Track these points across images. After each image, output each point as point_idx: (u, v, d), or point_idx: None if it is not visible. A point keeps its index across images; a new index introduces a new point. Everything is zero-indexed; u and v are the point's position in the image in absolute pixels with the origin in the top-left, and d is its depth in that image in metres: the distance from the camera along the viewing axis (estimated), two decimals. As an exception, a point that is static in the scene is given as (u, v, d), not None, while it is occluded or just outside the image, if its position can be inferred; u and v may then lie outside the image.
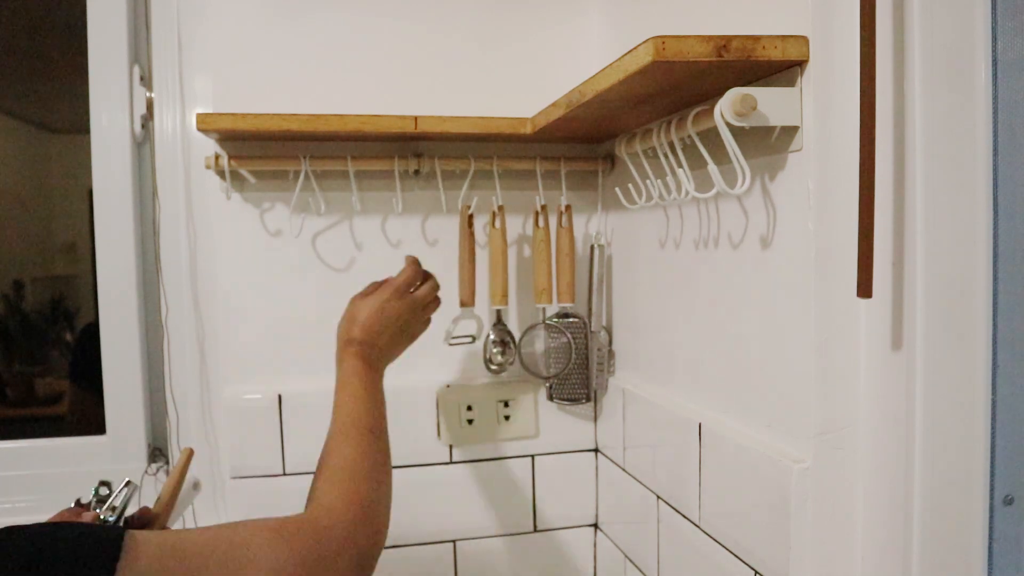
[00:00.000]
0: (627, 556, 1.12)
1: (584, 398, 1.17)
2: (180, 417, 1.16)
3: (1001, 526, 0.64)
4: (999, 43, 0.61)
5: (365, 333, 0.85)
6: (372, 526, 0.67)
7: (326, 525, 0.62)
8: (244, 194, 1.12)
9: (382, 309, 0.88)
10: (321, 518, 0.63)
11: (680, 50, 0.65)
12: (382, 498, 0.70)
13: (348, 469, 0.69)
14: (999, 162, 0.62)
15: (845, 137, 0.65)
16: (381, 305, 0.88)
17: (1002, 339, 0.63)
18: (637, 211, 1.06)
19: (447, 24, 1.16)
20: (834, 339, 0.68)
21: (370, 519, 0.67)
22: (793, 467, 0.69)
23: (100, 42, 1.14)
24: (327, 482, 0.68)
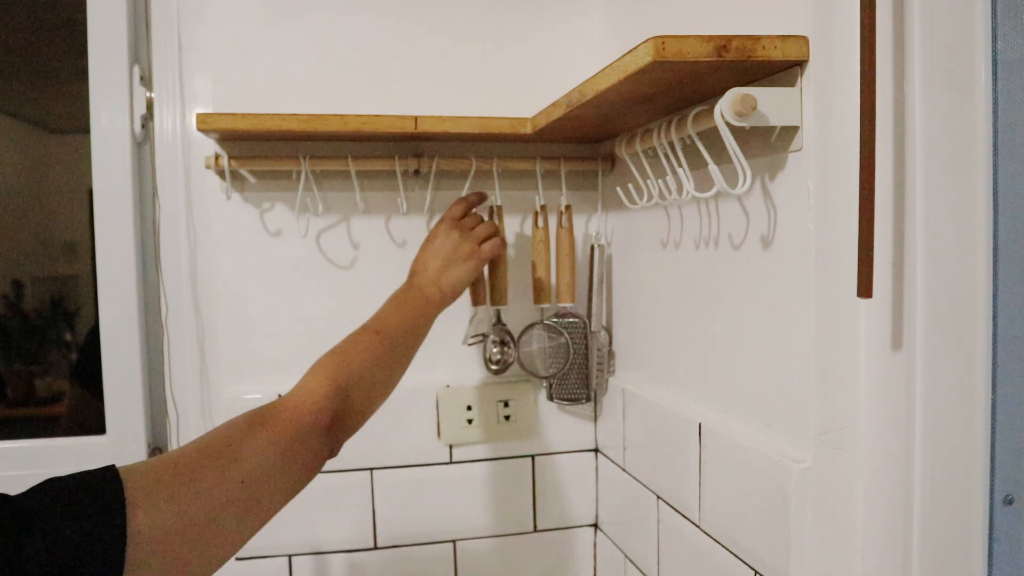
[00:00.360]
0: (627, 556, 1.12)
1: (584, 398, 1.17)
2: (180, 417, 1.16)
3: (1001, 526, 0.64)
4: (999, 43, 0.61)
5: (417, 262, 0.98)
6: (342, 405, 0.73)
7: (296, 403, 0.70)
8: (244, 194, 1.12)
9: (432, 238, 1.00)
10: (294, 397, 0.71)
11: (680, 50, 0.65)
12: (363, 385, 0.78)
13: (335, 357, 0.78)
14: (999, 162, 0.62)
15: (845, 137, 0.65)
16: (432, 235, 1.00)
17: (1002, 339, 0.63)
18: (637, 211, 1.06)
19: (447, 24, 1.16)
20: (834, 339, 0.68)
21: (342, 399, 0.74)
22: (793, 467, 0.69)
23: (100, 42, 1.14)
24: (312, 369, 0.76)
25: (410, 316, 0.89)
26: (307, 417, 0.69)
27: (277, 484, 0.64)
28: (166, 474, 0.56)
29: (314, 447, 0.69)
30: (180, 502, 0.55)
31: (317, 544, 1.14)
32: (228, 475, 0.59)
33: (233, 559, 1.17)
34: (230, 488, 0.59)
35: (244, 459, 0.61)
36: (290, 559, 1.14)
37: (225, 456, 0.61)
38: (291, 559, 1.14)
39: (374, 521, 1.16)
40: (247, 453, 0.62)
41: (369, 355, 0.80)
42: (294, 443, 0.67)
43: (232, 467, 0.60)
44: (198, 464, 0.59)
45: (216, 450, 0.61)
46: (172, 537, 0.53)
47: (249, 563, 1.12)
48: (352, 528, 1.15)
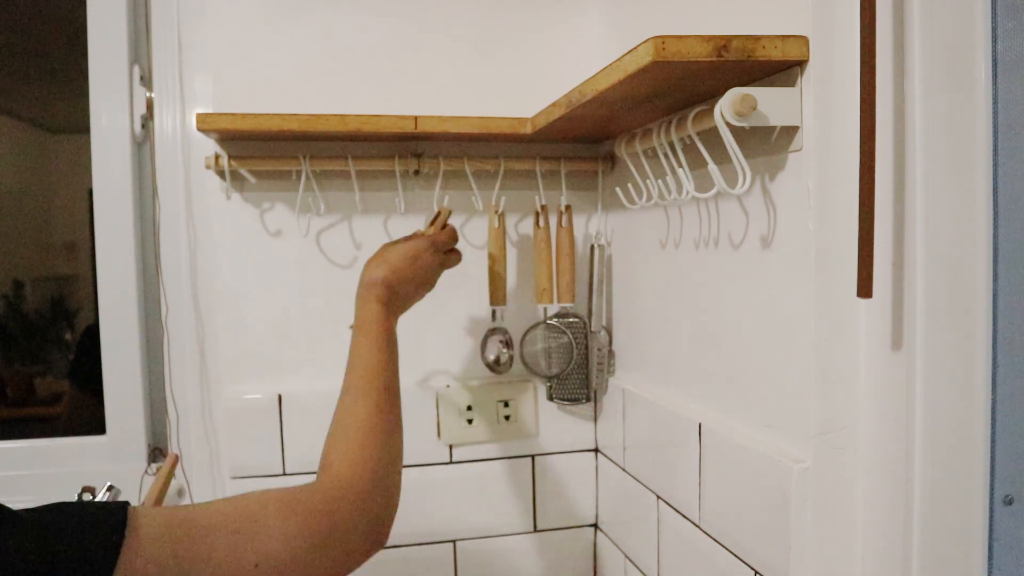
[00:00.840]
0: (627, 556, 1.12)
1: (584, 398, 1.17)
2: (180, 417, 1.16)
3: (1001, 526, 0.64)
4: (999, 43, 0.61)
5: (394, 276, 0.84)
6: (385, 492, 0.65)
7: (336, 496, 0.62)
8: (244, 194, 1.12)
9: (417, 257, 0.88)
10: (331, 489, 0.62)
11: (680, 50, 0.65)
12: (395, 461, 0.69)
13: (361, 431, 0.68)
14: (999, 162, 0.62)
15: (845, 137, 0.65)
16: (417, 253, 0.88)
17: (1002, 339, 0.63)
18: (637, 211, 1.06)
19: (447, 24, 1.16)
20: (834, 339, 0.68)
21: (383, 485, 0.65)
22: (793, 467, 0.69)
23: (100, 42, 1.14)
24: (338, 447, 0.67)
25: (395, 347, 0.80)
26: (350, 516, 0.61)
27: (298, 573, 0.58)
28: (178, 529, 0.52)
29: (356, 545, 0.62)
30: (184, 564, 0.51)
31: (317, 544, 1.14)
32: (241, 555, 0.54)
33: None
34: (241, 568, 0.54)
35: (263, 545, 0.55)
36: (290, 559, 1.13)
37: (244, 533, 0.55)
38: (291, 559, 1.13)
39: (374, 521, 1.16)
40: (268, 540, 0.56)
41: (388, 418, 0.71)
42: (331, 541, 0.59)
43: (248, 548, 0.55)
44: (213, 531, 0.54)
45: (239, 522, 0.56)
46: None
47: (249, 563, 1.12)
48: (352, 528, 1.15)
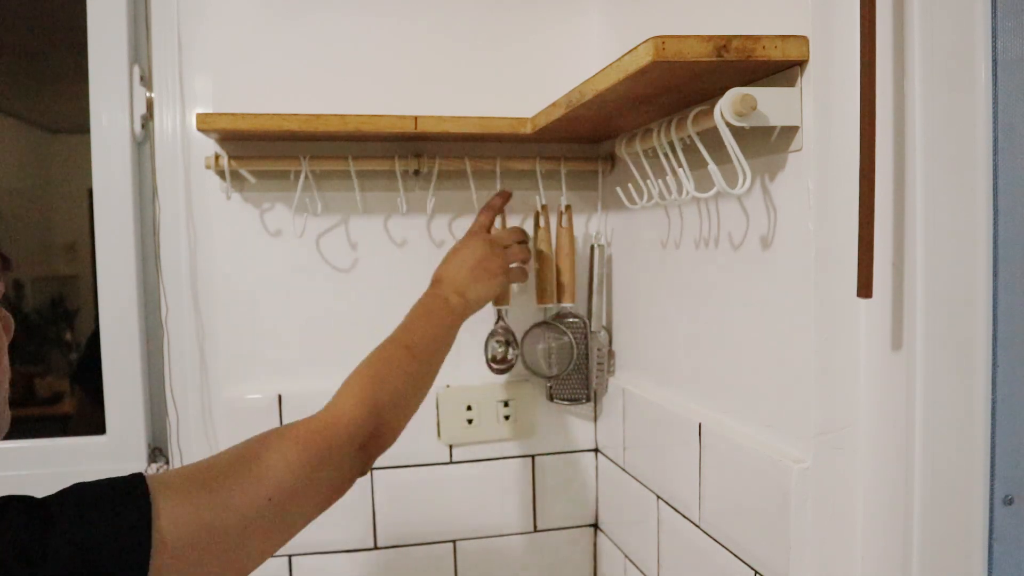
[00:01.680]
0: (627, 556, 1.12)
1: (584, 398, 1.17)
2: (180, 417, 1.16)
3: (1001, 526, 0.64)
4: (999, 43, 0.61)
5: (447, 273, 0.95)
6: (376, 426, 0.73)
7: (330, 423, 0.70)
8: (244, 194, 1.12)
9: (469, 248, 0.98)
10: (327, 416, 0.71)
11: (680, 50, 0.65)
12: (396, 405, 0.77)
13: (368, 375, 0.77)
14: (999, 162, 0.62)
15: (845, 137, 0.65)
16: (469, 245, 0.98)
17: (1002, 339, 0.63)
18: (637, 211, 1.06)
19: (447, 24, 1.16)
20: (834, 339, 0.68)
21: (375, 419, 0.73)
22: (793, 467, 0.69)
23: (100, 42, 1.14)
24: (345, 386, 0.76)
25: (437, 328, 0.88)
26: (340, 437, 0.69)
27: (305, 502, 0.64)
28: (194, 486, 0.56)
29: (345, 467, 0.70)
30: (206, 515, 0.55)
31: (317, 544, 1.14)
32: (256, 491, 0.59)
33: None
34: (257, 504, 0.59)
35: (273, 476, 0.61)
36: (290, 559, 1.14)
37: (255, 471, 0.60)
38: (291, 559, 1.14)
39: (374, 521, 1.16)
40: (276, 470, 0.62)
41: (401, 372, 0.79)
42: (325, 462, 0.66)
43: (260, 483, 0.60)
44: (226, 478, 0.58)
45: (246, 464, 0.61)
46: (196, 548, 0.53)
47: (249, 563, 1.12)
48: (352, 528, 1.15)
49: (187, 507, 0.54)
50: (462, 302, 0.93)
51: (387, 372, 0.78)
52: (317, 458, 0.66)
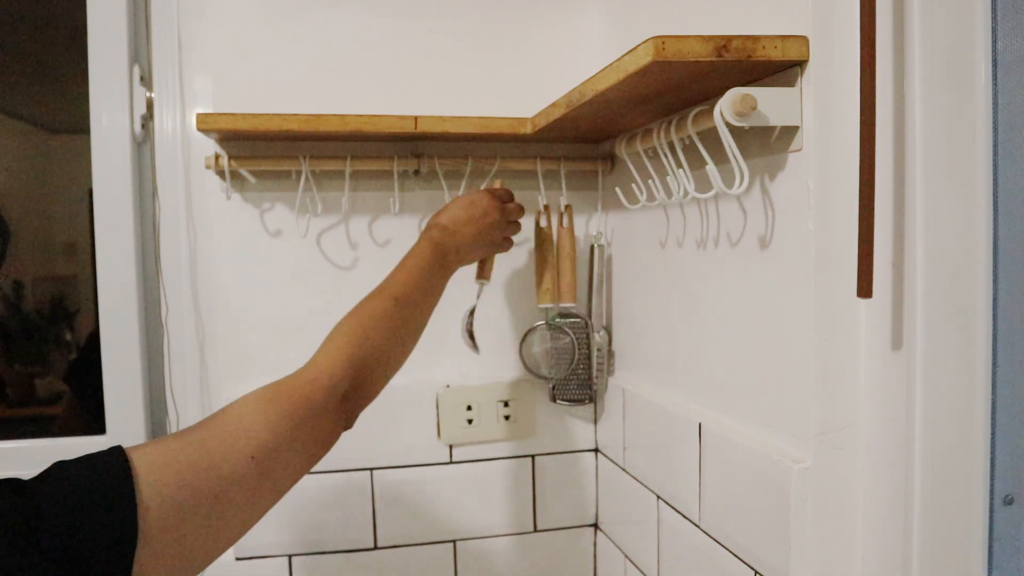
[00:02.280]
0: (627, 556, 1.12)
1: (587, 398, 1.17)
2: (180, 417, 1.16)
3: (1001, 526, 0.64)
4: (999, 43, 0.61)
5: (448, 219, 0.92)
6: (357, 379, 0.72)
7: (311, 378, 0.69)
8: (244, 194, 1.12)
9: (472, 202, 0.94)
10: (308, 373, 0.70)
11: (680, 50, 0.65)
12: (379, 357, 0.76)
13: (349, 328, 0.75)
14: (999, 162, 0.62)
15: (845, 137, 0.65)
16: (472, 199, 0.94)
17: (1002, 339, 0.63)
18: (637, 211, 1.06)
19: (447, 24, 1.16)
20: (834, 339, 0.68)
21: (356, 372, 0.72)
22: (793, 467, 0.69)
23: (100, 42, 1.14)
24: (327, 340, 0.74)
25: (428, 280, 0.86)
26: (321, 392, 0.68)
27: (289, 460, 0.63)
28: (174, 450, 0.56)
29: (328, 422, 0.69)
30: (187, 476, 0.54)
31: (317, 544, 1.14)
32: (237, 450, 0.59)
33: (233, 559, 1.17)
34: (239, 464, 0.58)
35: (254, 434, 0.60)
36: (290, 559, 1.14)
37: (235, 431, 0.60)
38: (291, 559, 1.14)
39: (374, 521, 1.16)
40: (257, 428, 0.61)
41: (387, 325, 0.78)
42: (307, 418, 0.65)
43: (241, 442, 0.59)
44: (207, 439, 0.58)
45: (226, 425, 0.60)
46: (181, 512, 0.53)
47: (249, 563, 1.12)
48: (352, 528, 1.15)
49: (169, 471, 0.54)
50: (458, 259, 0.91)
51: (370, 324, 0.76)
52: (298, 414, 0.64)
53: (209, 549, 0.56)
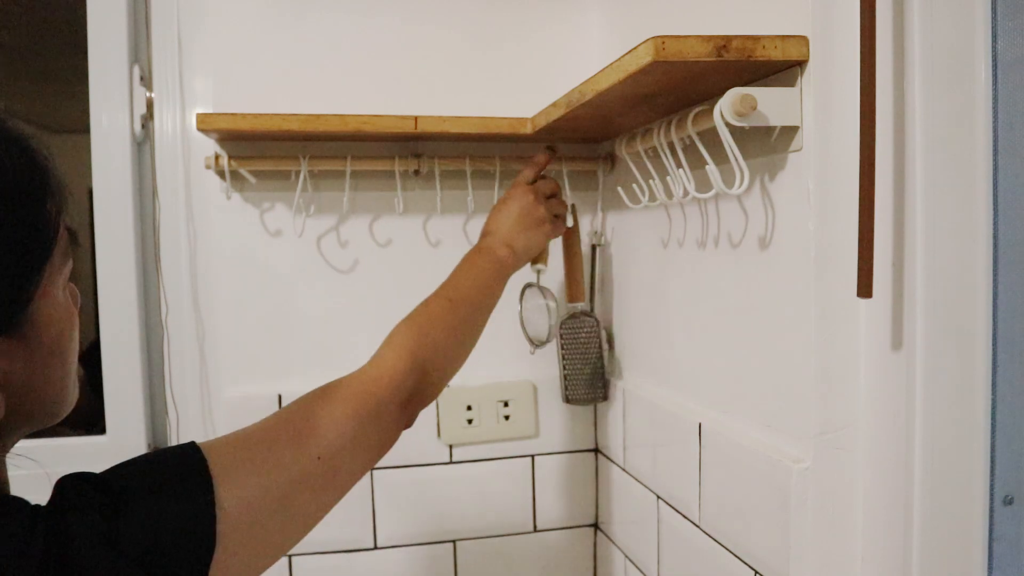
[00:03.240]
0: (627, 556, 1.12)
1: (601, 397, 1.16)
2: (180, 417, 1.16)
3: (1001, 526, 0.64)
4: (999, 43, 0.61)
5: (494, 224, 0.95)
6: (419, 378, 0.73)
7: (375, 376, 0.70)
8: (244, 194, 1.12)
9: (503, 200, 0.97)
10: (372, 371, 0.71)
11: (680, 50, 0.65)
12: (439, 358, 0.77)
13: (410, 329, 0.77)
14: (999, 162, 0.62)
15: (845, 137, 0.65)
16: (503, 198, 0.98)
17: (1002, 339, 0.63)
18: (637, 211, 1.06)
19: (447, 24, 1.16)
20: (834, 339, 0.68)
21: (418, 371, 0.73)
22: (793, 467, 0.69)
23: (100, 42, 1.14)
24: (388, 341, 0.76)
25: (483, 280, 0.87)
26: (385, 392, 0.69)
27: (353, 459, 0.64)
28: (246, 450, 0.56)
29: (390, 422, 0.70)
30: (260, 477, 0.55)
31: (317, 544, 1.14)
32: (305, 450, 0.59)
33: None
34: (307, 463, 0.59)
35: (321, 434, 0.61)
36: (290, 559, 1.14)
37: (303, 431, 0.60)
38: (291, 559, 1.14)
39: (374, 521, 1.16)
40: (324, 428, 0.62)
41: (445, 326, 0.79)
42: (371, 418, 0.66)
43: (309, 442, 0.60)
44: (276, 439, 0.59)
45: (294, 425, 0.61)
46: (254, 512, 0.54)
47: (249, 563, 1.12)
48: (352, 528, 1.15)
49: (242, 471, 0.54)
50: (511, 254, 0.93)
51: (429, 326, 0.77)
52: (364, 415, 0.65)
53: (275, 550, 0.57)
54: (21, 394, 0.50)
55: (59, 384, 0.55)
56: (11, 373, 0.49)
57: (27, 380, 0.50)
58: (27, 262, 0.49)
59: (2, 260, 0.47)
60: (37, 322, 0.50)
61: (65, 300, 0.55)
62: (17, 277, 0.48)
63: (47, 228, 0.51)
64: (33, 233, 0.50)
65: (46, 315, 0.51)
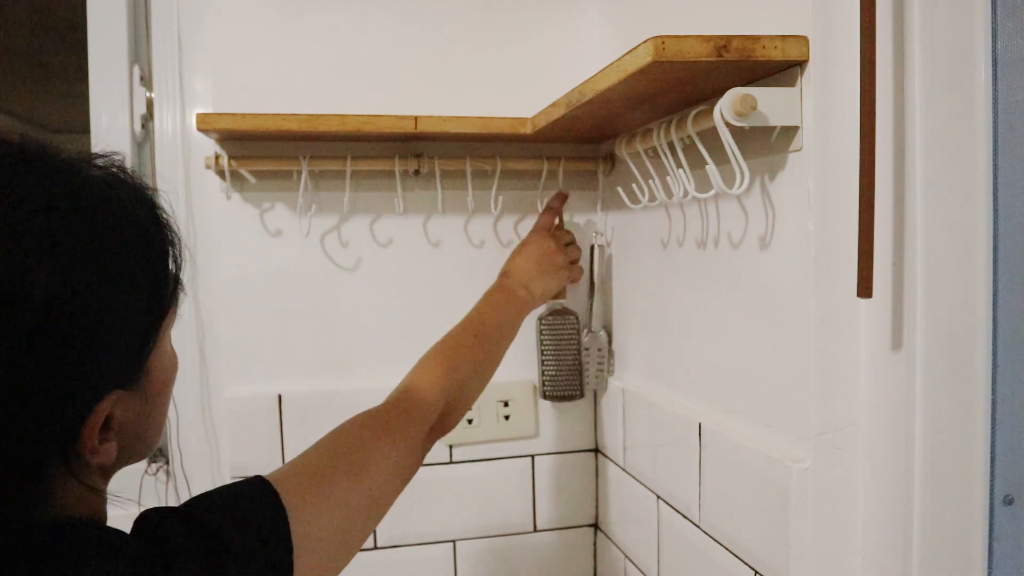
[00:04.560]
0: (627, 556, 1.12)
1: (578, 394, 1.17)
2: (180, 417, 1.16)
3: (1001, 526, 0.64)
4: (999, 43, 0.61)
5: (514, 267, 1.02)
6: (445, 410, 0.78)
7: (409, 409, 0.74)
8: (244, 194, 1.12)
9: (525, 244, 1.05)
10: (407, 402, 0.75)
11: (680, 50, 0.65)
12: (462, 391, 0.82)
13: (443, 363, 0.81)
14: (999, 162, 0.62)
15: (845, 137, 0.65)
16: (525, 242, 1.06)
17: (1002, 339, 0.63)
18: (637, 211, 1.06)
19: (447, 24, 1.16)
20: (834, 339, 0.68)
21: (447, 399, 0.78)
22: (793, 467, 0.69)
23: (100, 42, 1.14)
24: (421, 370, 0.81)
25: (506, 319, 0.93)
26: (418, 426, 0.74)
27: (393, 489, 0.69)
28: (309, 485, 0.59)
29: (419, 454, 0.74)
30: (323, 511, 0.58)
31: (317, 544, 1.14)
32: (360, 486, 0.63)
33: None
34: (362, 496, 0.63)
35: (372, 468, 0.65)
36: (290, 559, 1.13)
37: (357, 466, 0.64)
38: (291, 559, 1.13)
39: (374, 521, 1.16)
40: (375, 465, 0.65)
41: (471, 362, 0.84)
42: (408, 451, 0.71)
43: (363, 478, 0.64)
44: (334, 474, 0.62)
45: (348, 458, 0.64)
46: (321, 543, 0.56)
47: (249, 563, 1.12)
48: (352, 528, 1.15)
49: (309, 507, 0.57)
50: (528, 296, 0.99)
51: (457, 358, 0.82)
52: (403, 448, 0.70)
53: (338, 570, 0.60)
54: (131, 438, 0.52)
55: (160, 423, 0.58)
56: (126, 422, 0.50)
57: (137, 426, 0.52)
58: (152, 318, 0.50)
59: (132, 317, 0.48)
60: (151, 373, 0.52)
61: (172, 349, 0.57)
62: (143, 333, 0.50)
63: (169, 283, 0.53)
64: (159, 288, 0.51)
65: (158, 365, 0.53)
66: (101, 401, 0.46)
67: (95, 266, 0.45)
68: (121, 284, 0.47)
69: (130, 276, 0.47)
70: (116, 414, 0.48)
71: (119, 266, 0.47)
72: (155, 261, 0.51)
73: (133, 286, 0.48)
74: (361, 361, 1.15)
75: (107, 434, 0.48)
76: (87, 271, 0.44)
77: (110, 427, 0.48)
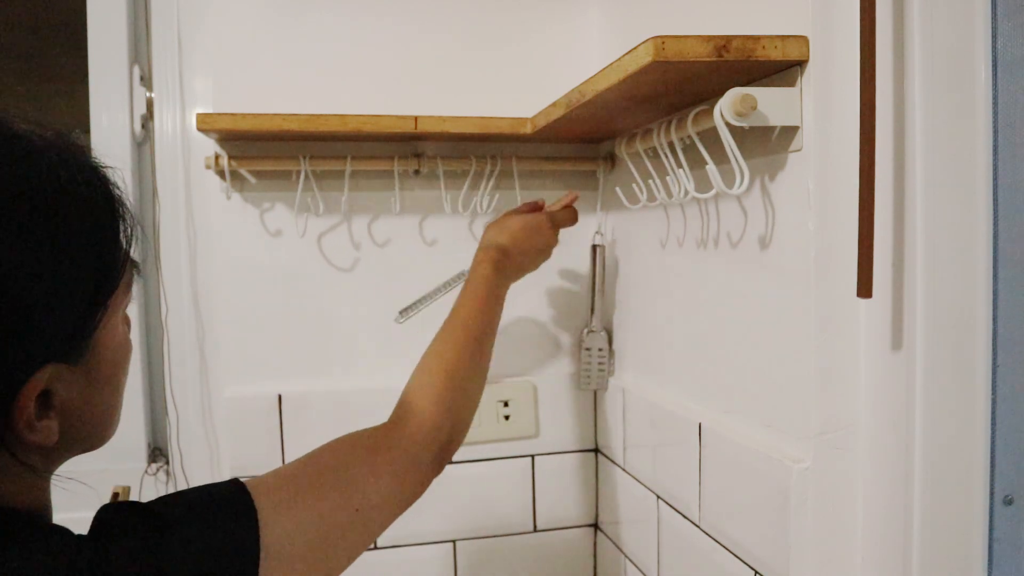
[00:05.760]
0: (627, 556, 1.12)
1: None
2: (180, 417, 1.16)
3: (1001, 526, 0.64)
4: (999, 43, 0.61)
5: (511, 242, 0.92)
6: (453, 426, 0.74)
7: (412, 431, 0.71)
8: (244, 194, 1.12)
9: (537, 230, 0.94)
10: (408, 422, 0.72)
11: (680, 50, 0.65)
12: (467, 402, 0.78)
13: (442, 373, 0.76)
14: (999, 162, 0.62)
15: (845, 137, 0.65)
16: (538, 225, 0.95)
17: (1002, 339, 0.63)
18: (637, 211, 1.06)
19: (447, 24, 1.16)
20: (834, 339, 0.68)
21: (452, 419, 0.74)
22: (793, 467, 0.69)
23: (100, 42, 1.14)
24: (420, 383, 0.76)
25: (496, 307, 0.87)
26: (421, 449, 0.71)
27: (388, 511, 0.67)
28: (289, 493, 0.58)
29: (425, 473, 0.72)
30: (302, 522, 0.57)
31: (317, 544, 1.14)
32: (346, 502, 0.61)
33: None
34: (347, 514, 0.61)
35: (361, 489, 0.63)
36: (290, 559, 1.13)
37: (343, 482, 0.62)
38: (291, 559, 1.13)
39: (374, 521, 1.16)
40: (363, 483, 0.64)
41: (472, 365, 0.80)
42: (408, 475, 0.69)
43: (350, 495, 0.62)
44: (318, 487, 0.60)
45: (335, 474, 0.62)
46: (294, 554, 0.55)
47: (249, 563, 1.12)
48: (352, 528, 1.15)
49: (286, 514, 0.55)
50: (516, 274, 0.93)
51: (458, 366, 0.78)
52: (402, 473, 0.68)
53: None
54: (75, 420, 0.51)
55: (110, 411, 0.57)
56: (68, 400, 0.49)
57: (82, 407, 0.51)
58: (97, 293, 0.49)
59: (73, 290, 0.47)
60: (97, 351, 0.51)
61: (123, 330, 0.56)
62: (86, 307, 0.49)
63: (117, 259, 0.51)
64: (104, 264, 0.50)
65: (106, 345, 0.52)
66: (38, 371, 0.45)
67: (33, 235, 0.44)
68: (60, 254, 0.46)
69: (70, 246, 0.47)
70: (58, 390, 0.47)
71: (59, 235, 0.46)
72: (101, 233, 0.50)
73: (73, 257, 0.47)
74: (361, 361, 1.15)
75: (48, 412, 0.48)
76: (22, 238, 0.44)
77: (51, 404, 0.48)
